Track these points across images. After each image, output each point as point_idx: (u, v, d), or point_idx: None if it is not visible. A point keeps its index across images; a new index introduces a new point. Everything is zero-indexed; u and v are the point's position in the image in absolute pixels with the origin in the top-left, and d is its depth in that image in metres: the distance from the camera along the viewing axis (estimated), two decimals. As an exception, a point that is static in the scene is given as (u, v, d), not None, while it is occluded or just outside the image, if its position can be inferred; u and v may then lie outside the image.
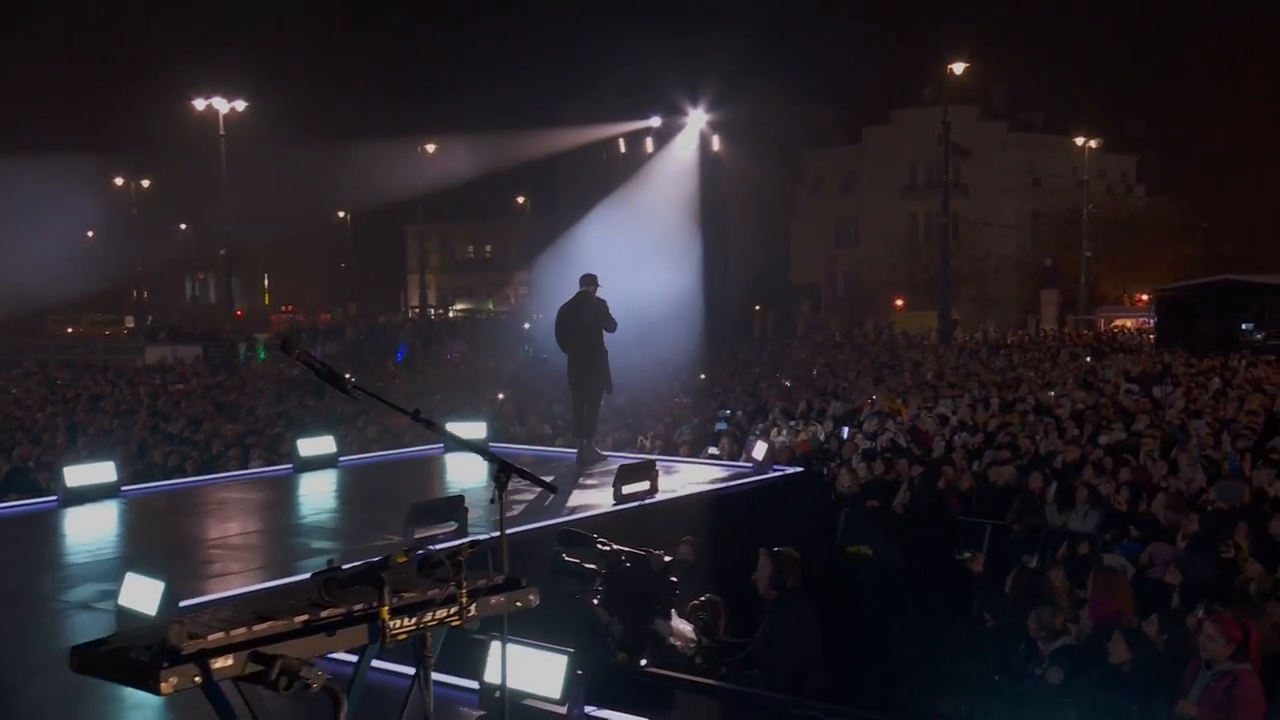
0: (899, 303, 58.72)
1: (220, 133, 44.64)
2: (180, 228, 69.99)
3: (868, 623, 9.05)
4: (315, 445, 11.52)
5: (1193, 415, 16.43)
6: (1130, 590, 8.11)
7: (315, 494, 10.47)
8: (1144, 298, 54.04)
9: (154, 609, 6.06)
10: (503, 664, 3.97)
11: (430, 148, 54.52)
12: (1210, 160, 61.75)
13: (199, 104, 44.55)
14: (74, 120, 59.36)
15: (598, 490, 10.00)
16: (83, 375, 29.57)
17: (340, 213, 73.61)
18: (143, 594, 6.21)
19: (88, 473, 9.85)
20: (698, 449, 14.14)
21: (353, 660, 3.63)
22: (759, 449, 11.45)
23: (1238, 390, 19.91)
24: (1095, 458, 12.84)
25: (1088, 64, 67.65)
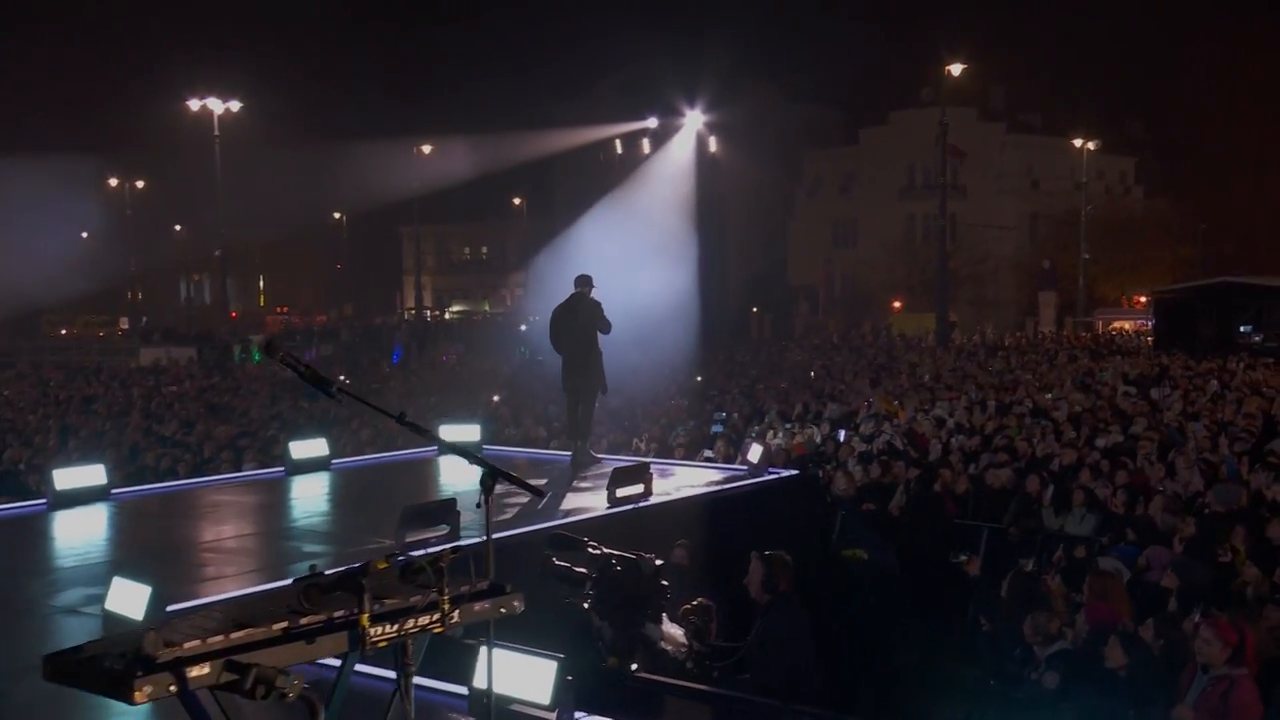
0: (897, 304, 58.71)
1: (215, 133, 44.60)
2: (175, 229, 70.02)
3: (863, 626, 8.98)
4: (308, 448, 11.47)
5: (1190, 418, 16.39)
6: (1126, 594, 8.07)
7: (307, 497, 10.41)
8: (1142, 300, 54.01)
9: (141, 614, 6.02)
10: (489, 670, 3.92)
11: (426, 148, 54.56)
12: (1209, 162, 61.72)
13: (194, 104, 44.54)
14: (68, 121, 59.18)
15: (592, 493, 9.95)
16: (76, 377, 29.40)
17: (336, 214, 73.60)
18: (130, 598, 6.17)
19: (77, 475, 9.79)
20: (693, 451, 14.08)
21: (339, 665, 3.57)
22: (754, 452, 11.42)
23: (1236, 393, 19.84)
24: (1092, 460, 12.80)
25: (1086, 65, 67.49)
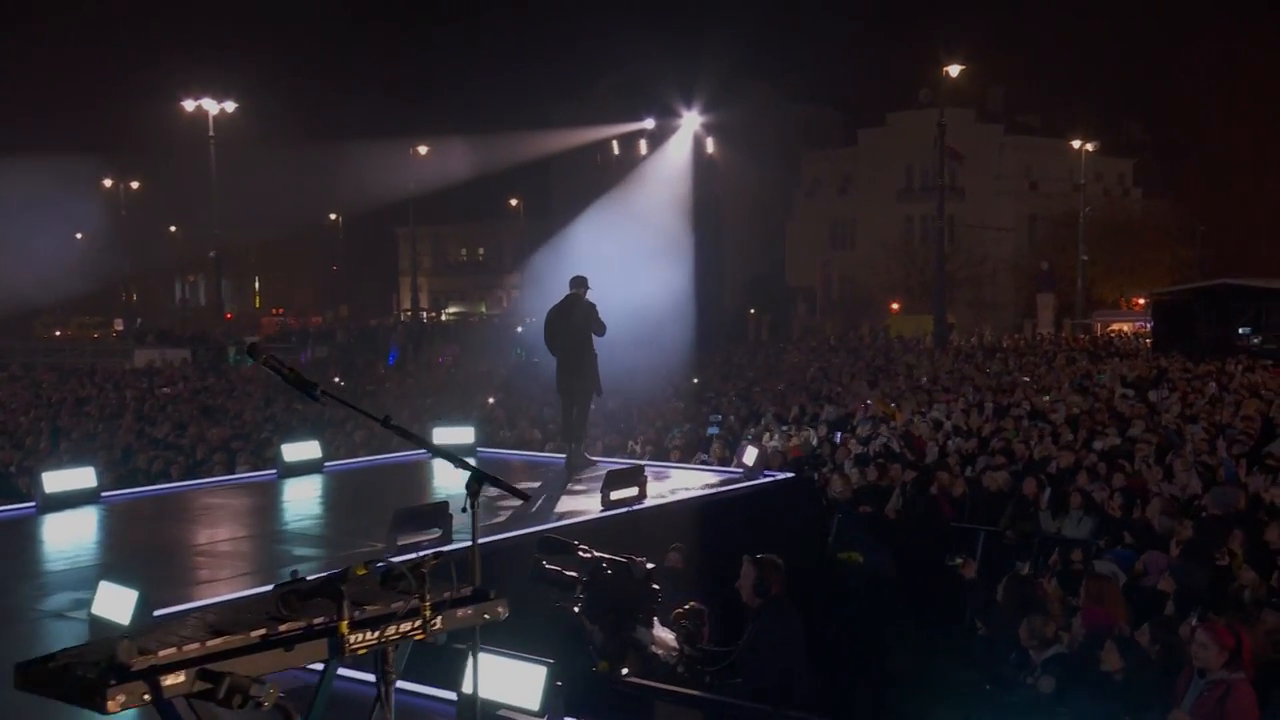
0: (895, 306, 58.66)
1: (210, 134, 44.54)
2: (170, 230, 69.95)
3: (858, 630, 8.93)
4: (300, 450, 11.41)
5: (1188, 420, 16.34)
6: (1123, 598, 8.02)
7: (299, 500, 10.35)
8: (1141, 302, 53.95)
9: (128, 618, 5.96)
10: (474, 676, 3.86)
11: (423, 149, 54.50)
12: (1208, 163, 61.64)
13: (189, 105, 44.50)
14: (63, 121, 59.12)
15: (586, 496, 9.89)
16: (69, 378, 29.30)
17: (332, 215, 73.51)
18: (116, 603, 6.11)
19: (67, 478, 9.72)
20: (689, 454, 14.03)
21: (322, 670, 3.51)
22: (750, 454, 11.36)
23: (1234, 395, 19.79)
24: (1090, 463, 12.76)
25: (1085, 66, 67.50)
